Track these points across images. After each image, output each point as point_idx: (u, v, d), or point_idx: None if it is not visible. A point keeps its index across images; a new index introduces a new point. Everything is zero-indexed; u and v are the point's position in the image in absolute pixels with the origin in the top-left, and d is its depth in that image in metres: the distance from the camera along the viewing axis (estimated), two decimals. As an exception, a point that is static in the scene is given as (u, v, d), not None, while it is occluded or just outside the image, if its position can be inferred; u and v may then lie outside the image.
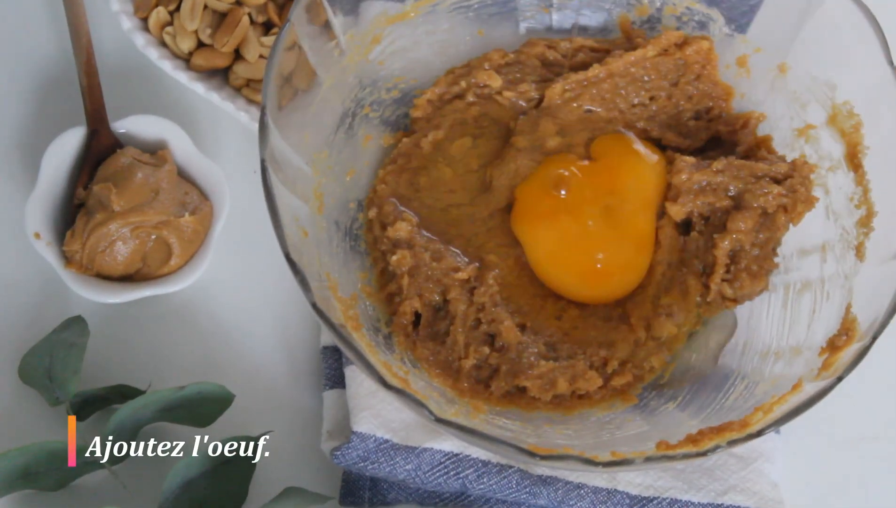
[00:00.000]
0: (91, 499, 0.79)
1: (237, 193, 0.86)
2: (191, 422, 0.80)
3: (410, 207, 0.83)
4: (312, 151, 0.80)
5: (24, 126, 0.90)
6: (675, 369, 0.81)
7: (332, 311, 0.73)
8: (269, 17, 0.88)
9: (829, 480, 0.83)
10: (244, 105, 0.87)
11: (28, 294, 0.85)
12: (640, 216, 0.82)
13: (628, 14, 0.88)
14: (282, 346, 0.85)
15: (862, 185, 0.80)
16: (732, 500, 0.79)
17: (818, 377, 0.73)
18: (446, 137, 0.85)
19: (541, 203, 0.81)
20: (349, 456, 0.78)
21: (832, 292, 0.78)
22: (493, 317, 0.79)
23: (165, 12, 0.88)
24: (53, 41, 0.92)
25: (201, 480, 0.77)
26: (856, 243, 0.79)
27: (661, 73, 0.86)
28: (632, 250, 0.81)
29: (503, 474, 0.78)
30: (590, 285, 0.81)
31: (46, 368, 0.80)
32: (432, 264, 0.80)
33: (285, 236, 0.71)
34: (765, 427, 0.70)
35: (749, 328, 0.81)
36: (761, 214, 0.80)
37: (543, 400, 0.79)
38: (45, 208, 0.83)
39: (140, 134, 0.86)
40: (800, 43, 0.83)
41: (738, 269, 0.80)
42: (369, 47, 0.84)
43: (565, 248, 0.81)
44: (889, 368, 0.84)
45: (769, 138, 0.85)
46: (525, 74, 0.87)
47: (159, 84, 0.91)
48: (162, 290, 0.82)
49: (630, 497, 0.79)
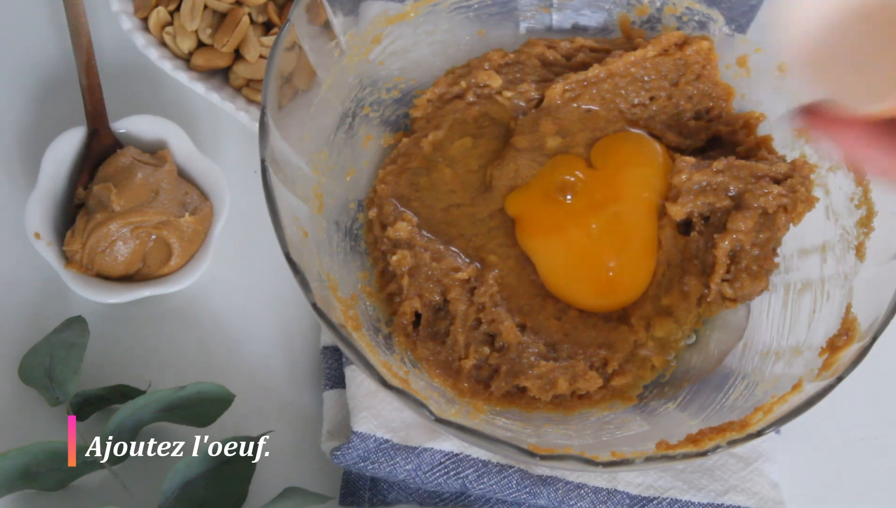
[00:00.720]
0: (91, 499, 0.79)
1: (237, 193, 0.86)
2: (191, 422, 0.80)
3: (410, 207, 0.83)
4: (312, 151, 0.80)
5: (24, 126, 0.90)
6: (675, 369, 0.81)
7: (332, 311, 0.73)
8: (269, 17, 0.88)
9: (829, 480, 0.83)
10: (244, 105, 0.87)
11: (28, 294, 0.85)
12: (646, 221, 0.82)
13: (628, 14, 0.88)
14: (282, 346, 0.85)
15: (862, 185, 0.80)
16: (732, 500, 0.79)
17: (818, 377, 0.73)
18: (446, 137, 0.85)
19: (547, 214, 0.81)
20: (349, 456, 0.78)
21: (832, 292, 0.78)
22: (494, 317, 0.79)
23: (165, 12, 0.88)
24: (53, 41, 0.92)
25: (201, 480, 0.77)
26: (856, 243, 0.79)
27: (661, 73, 0.86)
28: (640, 256, 0.81)
29: (503, 474, 0.78)
30: (603, 295, 0.81)
31: (46, 368, 0.80)
32: (432, 264, 0.80)
33: (285, 236, 0.71)
34: (765, 427, 0.70)
35: (749, 328, 0.81)
36: (761, 214, 0.80)
37: (543, 400, 0.79)
38: (45, 208, 0.83)
39: (140, 134, 0.86)
40: (800, 43, 0.83)
41: (739, 269, 0.80)
42: (369, 47, 0.84)
43: (577, 260, 0.81)
44: (889, 368, 0.84)
45: (769, 138, 0.85)
46: (525, 74, 0.87)
47: (159, 84, 0.91)
48: (162, 290, 0.82)
49: (630, 497, 0.79)
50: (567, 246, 0.81)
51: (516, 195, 0.83)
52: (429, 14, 0.86)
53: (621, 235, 0.81)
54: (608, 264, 0.81)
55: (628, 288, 0.81)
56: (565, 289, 0.81)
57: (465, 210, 0.83)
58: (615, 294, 0.81)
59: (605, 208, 0.81)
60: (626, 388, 0.80)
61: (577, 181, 0.82)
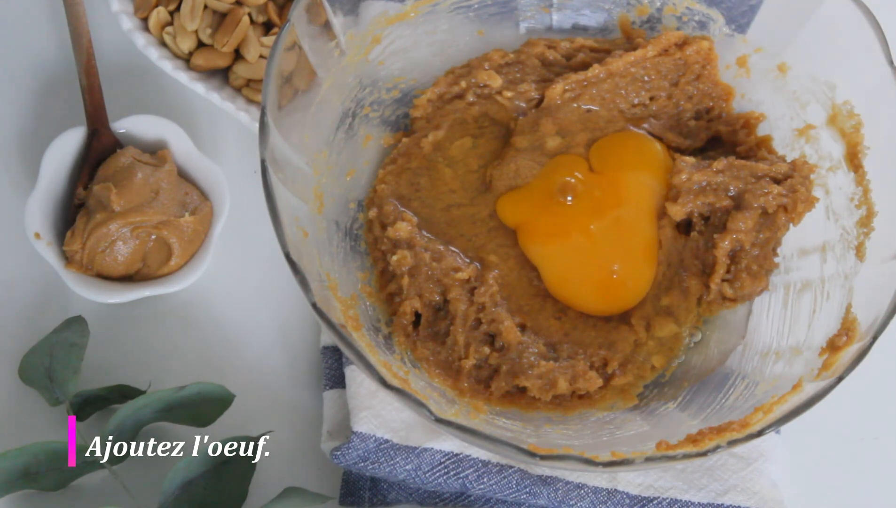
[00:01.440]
0: (91, 499, 0.79)
1: (237, 193, 0.86)
2: (191, 422, 0.80)
3: (410, 207, 0.83)
4: (312, 151, 0.80)
5: (24, 126, 0.90)
6: (676, 369, 0.81)
7: (332, 311, 0.73)
8: (269, 17, 0.88)
9: (829, 480, 0.83)
10: (244, 105, 0.87)
11: (28, 294, 0.85)
12: (647, 225, 0.82)
13: (628, 14, 0.88)
14: (282, 346, 0.85)
15: (862, 185, 0.80)
16: (733, 500, 0.79)
17: (818, 377, 0.73)
18: (446, 137, 0.85)
19: (549, 219, 0.81)
20: (349, 456, 0.78)
21: (832, 292, 0.78)
22: (494, 317, 0.79)
23: (165, 12, 0.88)
24: (53, 41, 0.92)
25: (201, 480, 0.77)
26: (856, 243, 0.78)
27: (661, 73, 0.86)
28: (643, 260, 0.81)
29: (503, 474, 0.78)
30: (606, 300, 0.81)
31: (46, 368, 0.80)
32: (432, 264, 0.80)
33: (285, 236, 0.71)
34: (765, 427, 0.70)
35: (749, 328, 0.81)
36: (761, 214, 0.80)
37: (543, 400, 0.78)
38: (45, 208, 0.83)
39: (140, 134, 0.86)
40: (800, 43, 0.83)
41: (739, 269, 0.80)
42: (369, 47, 0.84)
43: (580, 265, 0.81)
44: (889, 368, 0.84)
45: (769, 138, 0.85)
46: (525, 74, 0.87)
47: (159, 84, 0.91)
48: (162, 290, 0.82)
49: (630, 497, 0.79)
50: (570, 251, 0.81)
51: (514, 205, 0.82)
52: (429, 14, 0.86)
53: (624, 239, 0.81)
54: (612, 269, 0.81)
55: (631, 292, 0.81)
56: (569, 294, 0.81)
57: (465, 210, 0.83)
58: (618, 299, 0.81)
59: (608, 212, 0.81)
60: (626, 388, 0.80)
61: (578, 183, 0.82)
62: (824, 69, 0.82)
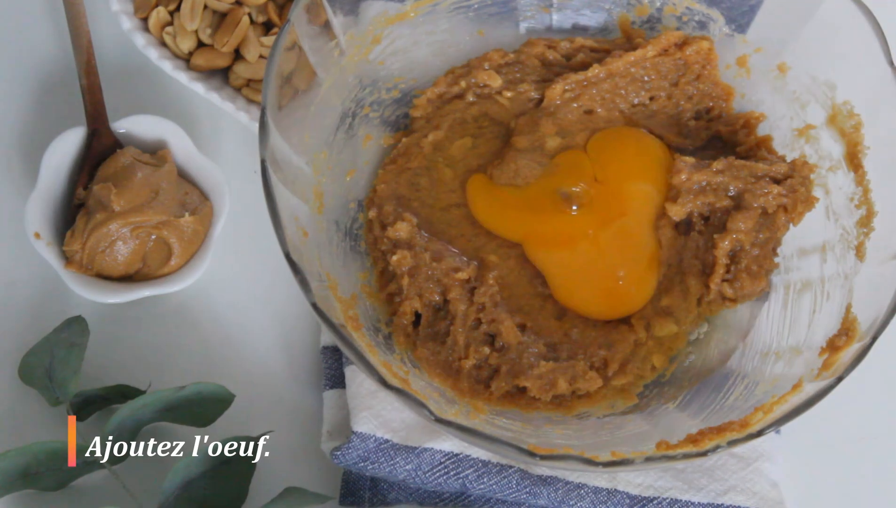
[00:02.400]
0: (91, 499, 0.79)
1: (237, 193, 0.86)
2: (191, 422, 0.80)
3: (410, 207, 0.83)
4: (312, 151, 0.80)
5: (24, 126, 0.90)
6: (676, 369, 0.81)
7: (332, 311, 0.73)
8: (269, 17, 0.88)
9: (829, 480, 0.83)
10: (244, 105, 0.87)
11: (28, 294, 0.85)
12: (651, 231, 0.82)
13: (628, 14, 0.88)
14: (282, 346, 0.85)
15: (862, 185, 0.80)
16: (732, 500, 0.79)
17: (818, 377, 0.73)
18: (446, 137, 0.85)
19: (555, 227, 0.81)
20: (349, 456, 0.78)
21: (832, 292, 0.78)
22: (494, 317, 0.79)
23: (165, 12, 0.88)
24: (53, 41, 0.92)
25: (201, 480, 0.77)
26: (856, 243, 0.79)
27: (661, 73, 0.87)
28: (647, 266, 0.81)
29: (503, 474, 0.78)
30: (612, 305, 0.81)
31: (46, 368, 0.80)
32: (432, 264, 0.80)
33: (285, 236, 0.71)
34: (765, 427, 0.70)
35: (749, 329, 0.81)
36: (761, 214, 0.80)
37: (543, 400, 0.79)
38: (45, 208, 0.83)
39: (140, 134, 0.86)
40: (800, 43, 0.83)
41: (739, 269, 0.80)
42: (369, 47, 0.84)
43: (587, 272, 0.81)
44: (889, 368, 0.84)
45: (769, 138, 0.85)
46: (525, 74, 0.87)
47: (159, 84, 0.91)
48: (162, 290, 0.82)
49: (630, 497, 0.79)
50: (577, 259, 0.81)
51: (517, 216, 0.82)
52: (429, 14, 0.86)
53: (629, 247, 0.81)
54: (617, 276, 0.81)
55: (635, 298, 0.81)
56: (575, 300, 0.81)
57: (465, 210, 0.83)
58: (623, 304, 0.81)
59: (613, 221, 0.81)
60: (626, 388, 0.80)
61: (584, 193, 0.82)
62: (824, 69, 0.82)
